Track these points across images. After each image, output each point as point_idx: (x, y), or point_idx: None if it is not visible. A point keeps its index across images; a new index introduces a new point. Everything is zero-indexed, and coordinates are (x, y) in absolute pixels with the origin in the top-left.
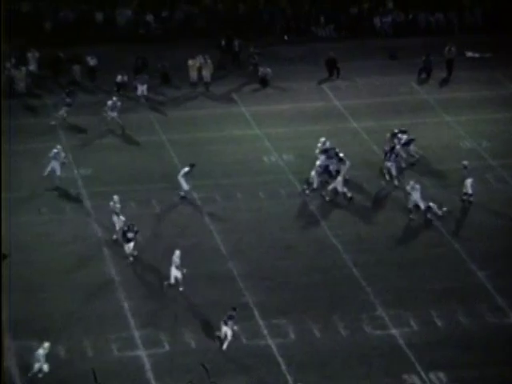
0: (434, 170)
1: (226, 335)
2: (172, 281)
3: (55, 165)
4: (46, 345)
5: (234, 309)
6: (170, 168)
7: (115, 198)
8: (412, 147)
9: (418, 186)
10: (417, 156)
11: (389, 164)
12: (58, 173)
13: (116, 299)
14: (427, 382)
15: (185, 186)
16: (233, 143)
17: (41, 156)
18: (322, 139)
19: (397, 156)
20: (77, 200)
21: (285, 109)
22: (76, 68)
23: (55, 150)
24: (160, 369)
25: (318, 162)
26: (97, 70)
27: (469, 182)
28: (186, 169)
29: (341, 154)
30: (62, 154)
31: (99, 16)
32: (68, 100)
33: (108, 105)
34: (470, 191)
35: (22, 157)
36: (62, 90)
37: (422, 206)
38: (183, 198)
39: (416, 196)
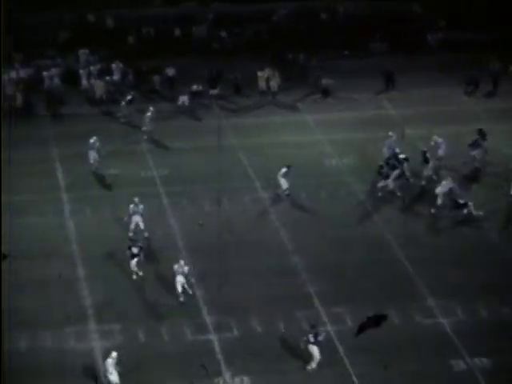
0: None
1: (313, 355)
2: (179, 289)
3: (92, 153)
4: (114, 354)
5: (313, 326)
6: (240, 169)
7: (136, 199)
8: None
9: (445, 183)
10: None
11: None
12: (98, 159)
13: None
14: (472, 367)
15: (284, 184)
16: (297, 147)
17: (126, 156)
18: (390, 133)
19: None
20: (155, 198)
21: (345, 117)
22: (156, 78)
23: (92, 140)
24: (229, 351)
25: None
26: (175, 80)
27: None
28: (284, 169)
29: (401, 156)
30: (97, 144)
31: (177, 31)
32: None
33: (147, 116)
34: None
35: (108, 157)
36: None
37: (439, 201)
38: (288, 195)
39: (438, 190)
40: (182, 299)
